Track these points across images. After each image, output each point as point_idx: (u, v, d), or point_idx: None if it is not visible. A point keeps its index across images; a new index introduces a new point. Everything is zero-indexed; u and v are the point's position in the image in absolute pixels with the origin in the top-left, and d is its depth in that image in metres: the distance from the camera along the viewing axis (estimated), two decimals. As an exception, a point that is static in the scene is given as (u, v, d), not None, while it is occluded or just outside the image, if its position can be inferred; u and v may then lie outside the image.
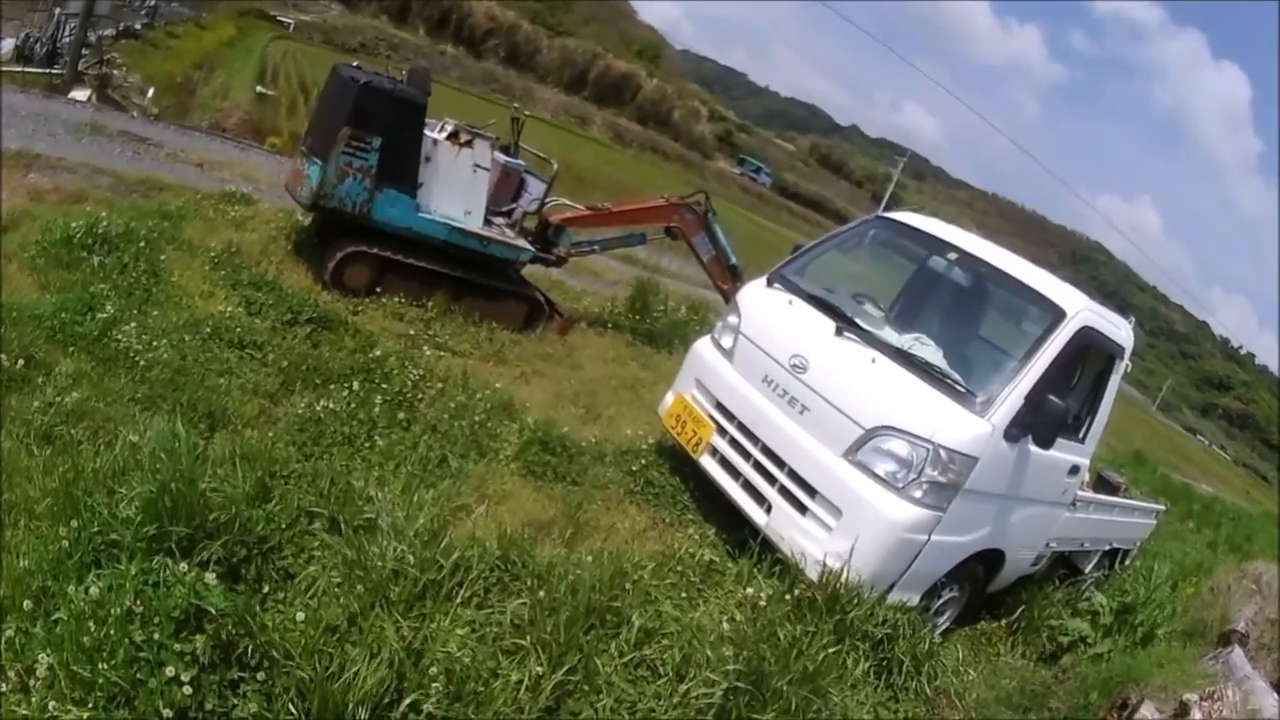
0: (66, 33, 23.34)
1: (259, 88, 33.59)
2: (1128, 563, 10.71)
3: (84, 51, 23.27)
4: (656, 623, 5.13)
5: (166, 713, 3.50)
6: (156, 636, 3.66)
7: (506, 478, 6.85)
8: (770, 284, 7.71)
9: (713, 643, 4.90)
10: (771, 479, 6.72)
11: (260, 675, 3.80)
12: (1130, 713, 6.28)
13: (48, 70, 22.01)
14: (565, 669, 4.42)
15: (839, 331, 6.84)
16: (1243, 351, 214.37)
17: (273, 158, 17.97)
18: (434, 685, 4.07)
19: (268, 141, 21.27)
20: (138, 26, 35.70)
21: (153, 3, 41.10)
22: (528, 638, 4.55)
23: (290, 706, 3.73)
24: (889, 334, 7.14)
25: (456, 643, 4.41)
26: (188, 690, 3.55)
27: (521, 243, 10.74)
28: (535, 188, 11.19)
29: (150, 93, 24.47)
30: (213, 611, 3.82)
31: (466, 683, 4.19)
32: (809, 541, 6.31)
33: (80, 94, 19.73)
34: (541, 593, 4.79)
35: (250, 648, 3.86)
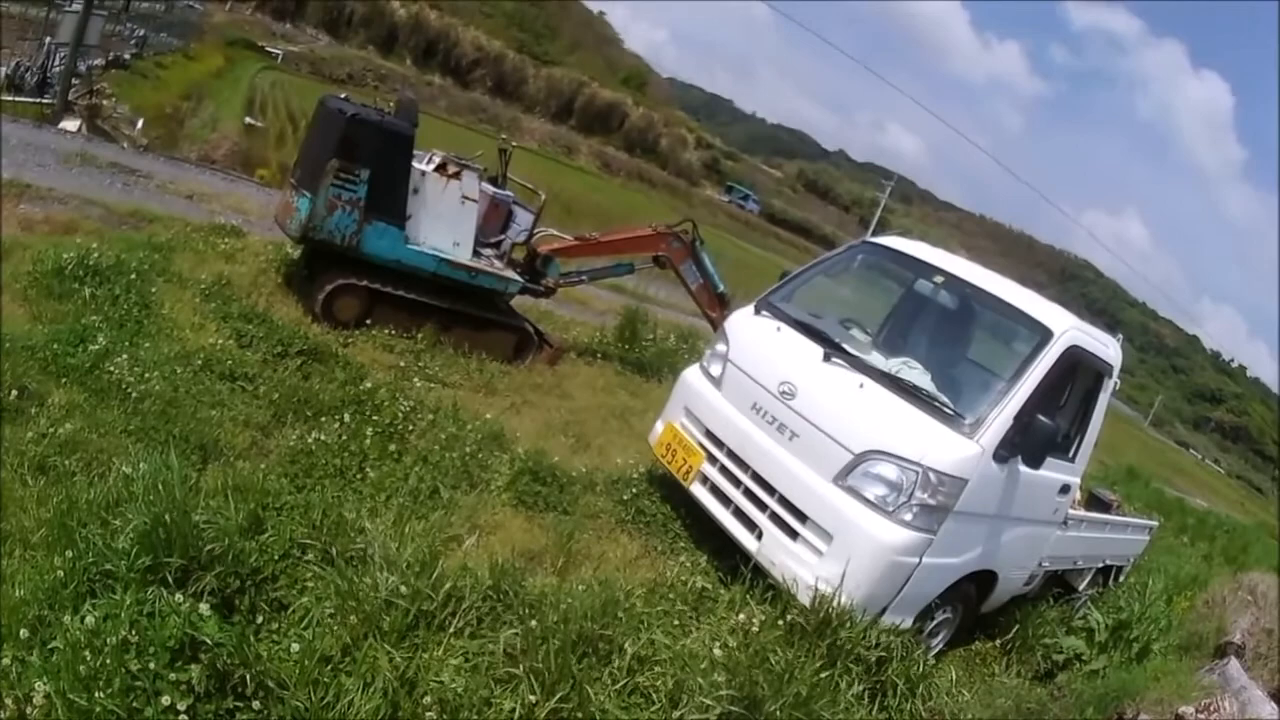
0: (57, 62, 23.32)
1: (247, 119, 33.63)
2: (1122, 579, 10.73)
3: (74, 81, 23.25)
4: (649, 650, 5.12)
5: None
6: (152, 666, 3.67)
7: (498, 508, 6.87)
8: (758, 311, 7.72)
9: (704, 669, 4.92)
10: (762, 505, 6.73)
11: (256, 705, 3.81)
12: (1130, 729, 6.31)
13: (38, 100, 21.97)
14: (558, 697, 4.43)
15: (827, 357, 6.86)
16: (1234, 364, 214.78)
17: (262, 190, 18.03)
18: (428, 715, 4.08)
19: (256, 173, 21.30)
20: (127, 56, 35.62)
21: (141, 33, 41.10)
22: (520, 666, 4.55)
23: None
24: (876, 358, 7.16)
25: (450, 672, 4.43)
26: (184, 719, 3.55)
27: (510, 274, 10.78)
28: (523, 218, 11.23)
29: (139, 124, 24.46)
30: (208, 642, 3.83)
31: (460, 712, 4.20)
32: (800, 567, 6.32)
33: (70, 124, 19.70)
34: (533, 622, 4.79)
35: (246, 677, 3.87)
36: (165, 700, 3.58)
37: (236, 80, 44.95)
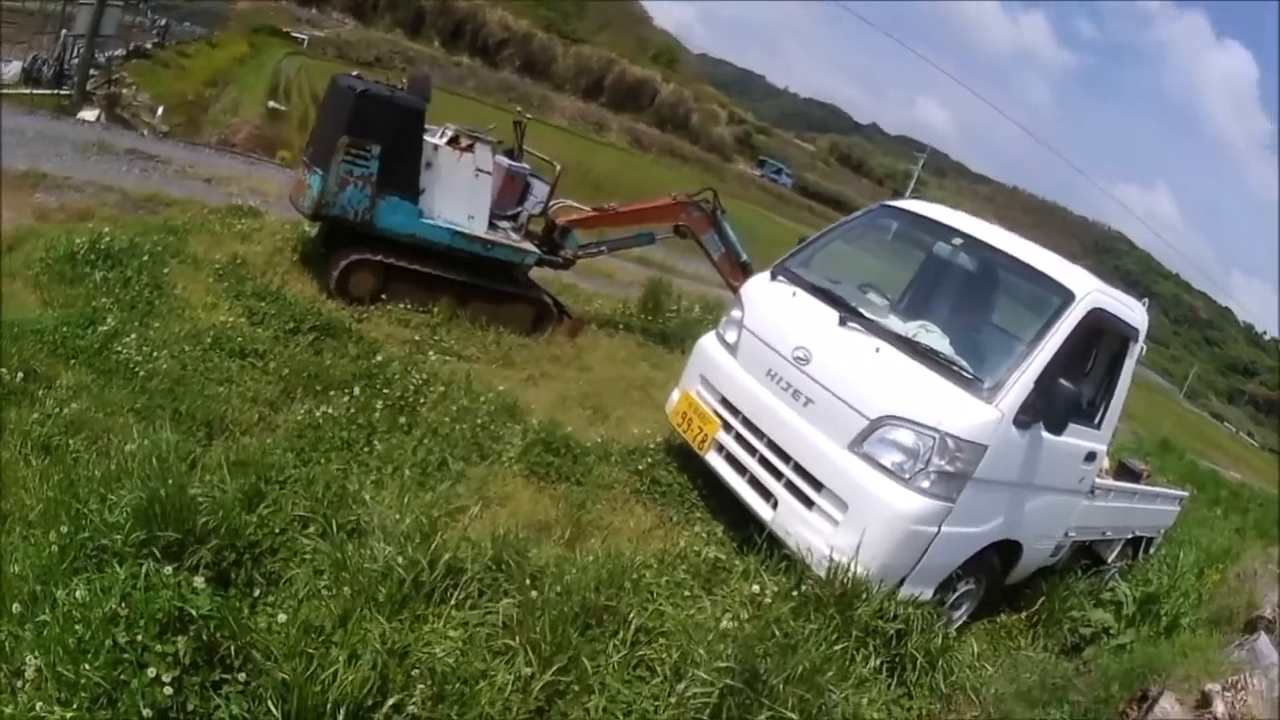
0: (74, 54, 23.42)
1: (270, 103, 33.71)
2: (1152, 551, 10.58)
3: (92, 72, 23.32)
4: (656, 622, 5.03)
5: (147, 713, 3.46)
6: (140, 638, 3.63)
7: (508, 479, 6.77)
8: (774, 277, 7.60)
9: (710, 641, 4.79)
10: (777, 474, 6.59)
11: (242, 676, 3.75)
12: (1150, 705, 6.14)
13: (55, 91, 22.05)
14: (555, 669, 4.33)
15: (842, 321, 6.73)
16: (1267, 337, 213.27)
17: (282, 171, 17.99)
18: (418, 686, 4.00)
19: (278, 155, 21.29)
20: (148, 46, 35.84)
21: (164, 22, 41.28)
22: (516, 638, 4.47)
23: (271, 707, 3.66)
24: (893, 322, 7.01)
25: (443, 644, 4.35)
26: (168, 691, 3.51)
27: (527, 245, 10.73)
28: (539, 190, 11.18)
29: (159, 111, 24.56)
30: (195, 614, 3.77)
31: (452, 683, 4.11)
32: (815, 536, 6.19)
33: (89, 114, 19.77)
34: (533, 592, 4.70)
35: (233, 649, 3.81)
36: (151, 672, 3.53)
37: (261, 66, 45.14)
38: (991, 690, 6.31)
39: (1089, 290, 6.66)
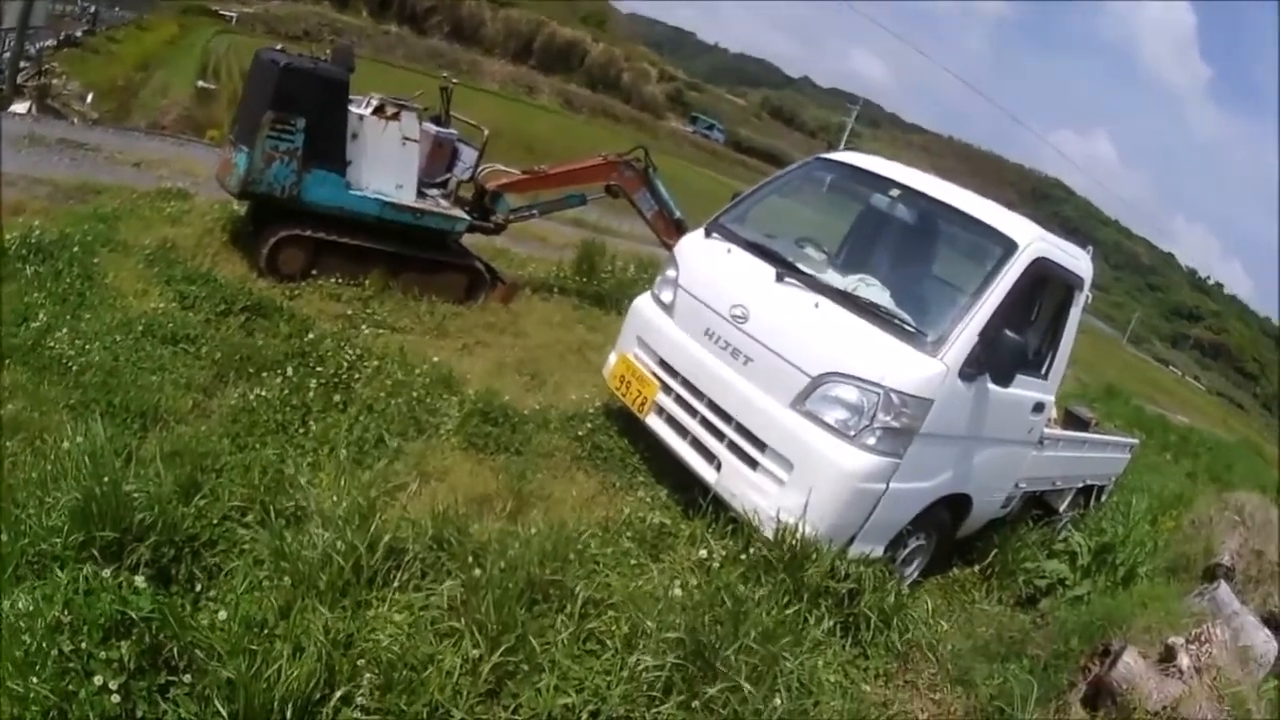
0: (4, 49, 22.96)
1: (200, 82, 33.21)
2: (1104, 499, 10.64)
3: (22, 64, 22.90)
4: (603, 594, 4.96)
5: None
6: (84, 645, 3.53)
7: (446, 453, 6.67)
8: (708, 234, 7.50)
9: (660, 611, 4.73)
10: (719, 435, 6.52)
11: (188, 678, 3.65)
12: (1113, 660, 6.14)
13: (-14, 89, 21.65)
14: (503, 650, 4.25)
15: (780, 277, 6.63)
16: (1210, 281, 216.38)
17: (211, 151, 17.55)
18: (365, 676, 3.91)
19: (207, 135, 20.90)
20: (79, 34, 35.20)
21: (93, 9, 40.63)
22: (462, 619, 4.37)
23: (219, 708, 3.55)
24: (832, 277, 6.94)
25: (388, 630, 4.26)
26: (116, 699, 3.41)
27: (457, 212, 10.60)
28: (468, 156, 11.04)
29: (89, 98, 24.10)
30: (135, 617, 3.67)
31: (399, 670, 4.02)
32: (761, 497, 6.12)
33: (20, 107, 19.33)
34: (476, 570, 4.61)
35: (176, 650, 3.71)
36: (98, 680, 3.43)
37: (190, 46, 44.41)
38: (948, 647, 6.31)
39: (1032, 240, 6.62)
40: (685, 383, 6.88)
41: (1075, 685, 6.29)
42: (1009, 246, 6.54)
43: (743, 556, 5.73)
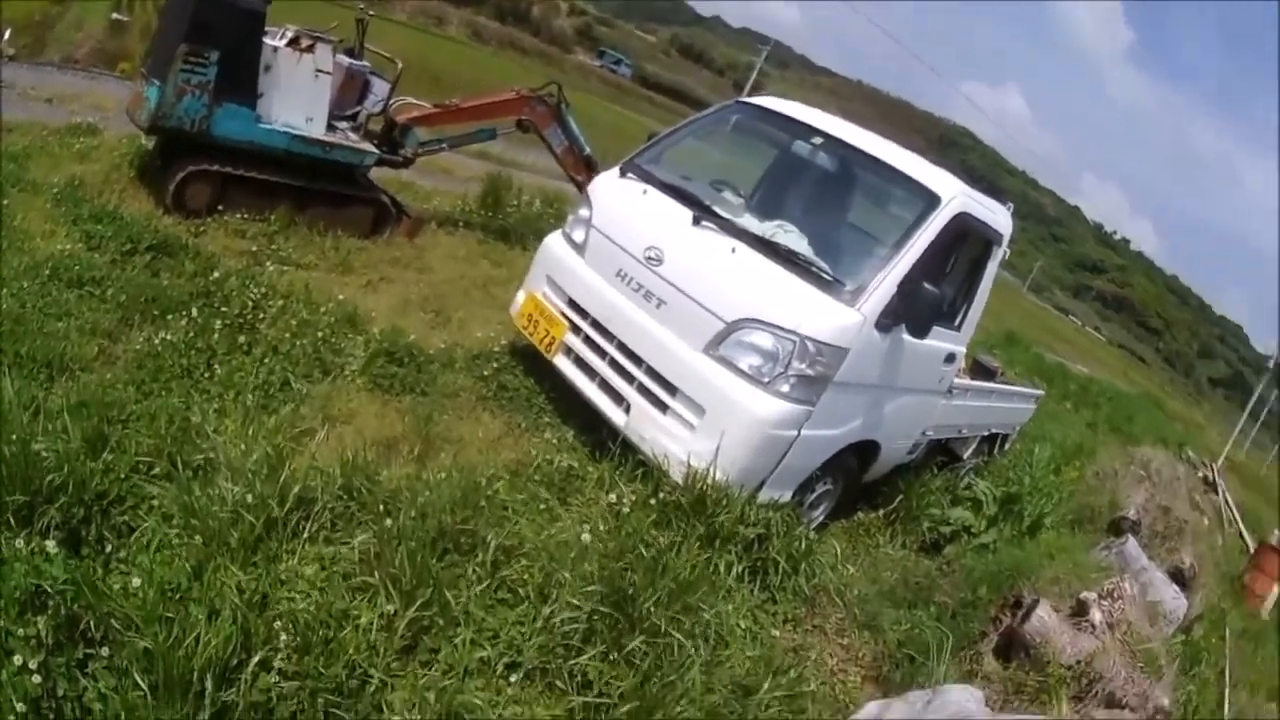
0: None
1: (114, 15, 32.32)
2: (1007, 447, 10.80)
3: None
4: (515, 540, 4.86)
5: (20, 707, 3.19)
6: (1, 623, 3.36)
7: (352, 395, 6.49)
8: (624, 174, 7.35)
9: (574, 559, 4.66)
10: (629, 377, 6.42)
11: (106, 650, 3.50)
12: (1025, 613, 6.20)
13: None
14: (418, 604, 4.14)
15: (696, 221, 6.54)
16: (1117, 236, 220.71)
17: (122, 84, 17.00)
18: (281, 637, 3.77)
19: (119, 68, 20.32)
20: (-7, -29, 34.05)
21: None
22: (375, 573, 4.25)
23: (139, 680, 3.40)
24: (750, 222, 6.82)
25: (303, 587, 4.13)
26: (37, 679, 3.25)
27: (366, 146, 10.32)
28: (379, 88, 10.76)
29: (7, 34, 23.28)
30: (49, 589, 3.53)
31: (315, 630, 3.88)
32: (671, 442, 6.06)
33: (-65, 52, 18.65)
34: (388, 521, 4.50)
35: (92, 621, 3.56)
36: (18, 660, 3.26)
37: (108, -23, 43.11)
38: (855, 591, 6.34)
39: (955, 194, 6.62)
40: (595, 324, 6.75)
41: (987, 635, 6.36)
42: (931, 200, 6.54)
43: (652, 501, 5.67)
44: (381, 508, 4.67)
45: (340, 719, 3.64)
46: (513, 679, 4.14)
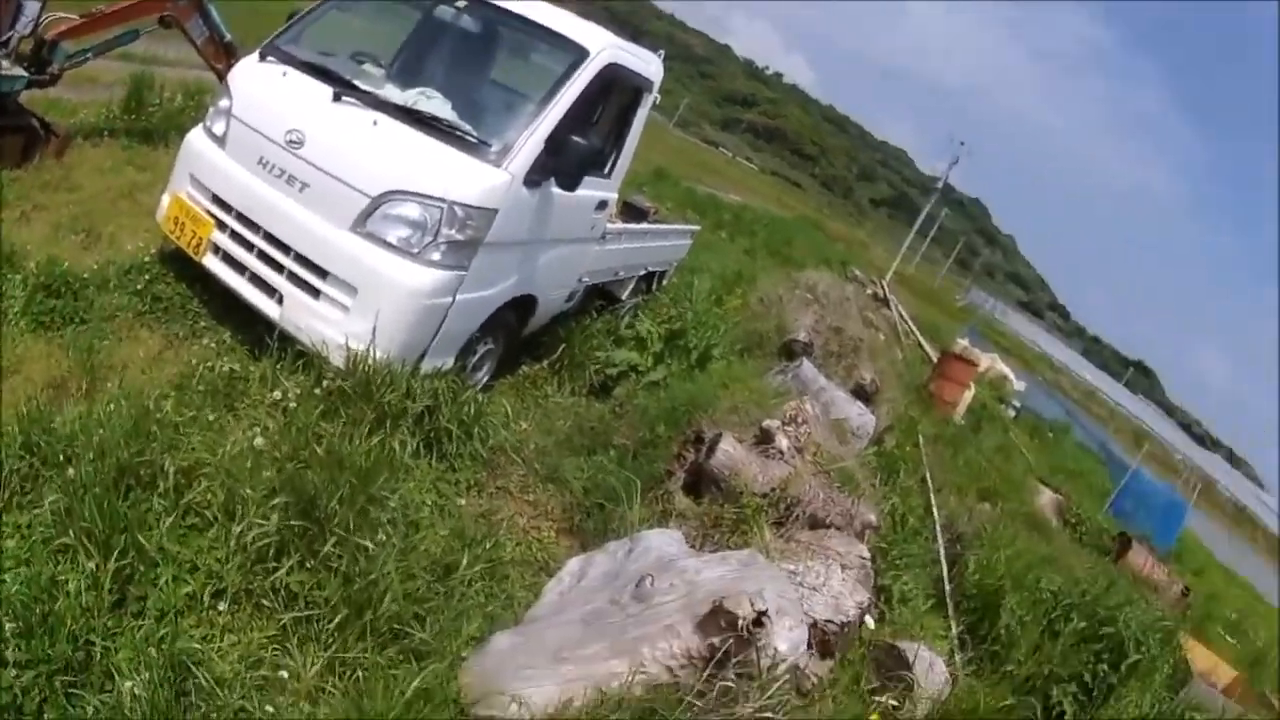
0: None
1: None
2: (664, 283, 11.05)
3: None
4: (192, 461, 4.70)
5: None
6: None
7: (18, 339, 6.03)
8: (263, 58, 7.02)
9: (251, 469, 4.59)
10: (279, 267, 6.23)
11: None
12: (709, 447, 6.41)
13: None
14: (116, 553, 3.99)
15: (336, 97, 6.35)
16: (768, 71, 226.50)
17: None
18: (6, 627, 3.57)
19: None
20: None
21: None
22: (71, 531, 4.05)
23: None
24: (392, 92, 6.71)
25: (8, 564, 3.91)
26: None
27: (16, 71, 9.49)
28: (31, 9, 9.79)
29: None
30: None
31: (31, 609, 3.68)
32: (327, 326, 5.98)
33: None
34: (70, 470, 4.28)
35: None
36: None
37: None
38: (532, 446, 6.50)
39: (603, 47, 6.77)
40: (240, 217, 6.48)
41: (673, 474, 6.59)
42: (580, 54, 6.65)
43: (317, 391, 5.61)
44: (62, 457, 4.46)
45: (82, 698, 3.51)
46: (221, 608, 4.09)
